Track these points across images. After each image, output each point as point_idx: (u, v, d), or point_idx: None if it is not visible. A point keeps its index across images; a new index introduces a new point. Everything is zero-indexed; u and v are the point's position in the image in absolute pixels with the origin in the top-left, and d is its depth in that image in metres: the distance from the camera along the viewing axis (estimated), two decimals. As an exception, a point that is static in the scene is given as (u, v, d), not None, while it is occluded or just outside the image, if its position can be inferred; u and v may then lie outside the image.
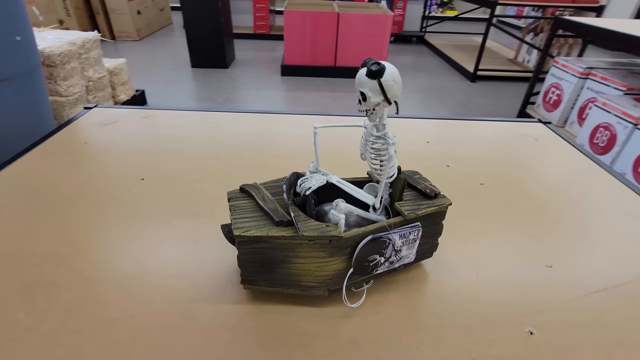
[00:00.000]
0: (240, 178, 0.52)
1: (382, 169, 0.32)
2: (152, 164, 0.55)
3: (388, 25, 3.10)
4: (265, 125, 0.69)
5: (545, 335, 0.31)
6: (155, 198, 0.47)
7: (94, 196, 0.47)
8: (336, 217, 0.31)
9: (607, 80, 1.94)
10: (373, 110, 0.30)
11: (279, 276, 0.33)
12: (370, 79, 0.28)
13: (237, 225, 0.30)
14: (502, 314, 0.33)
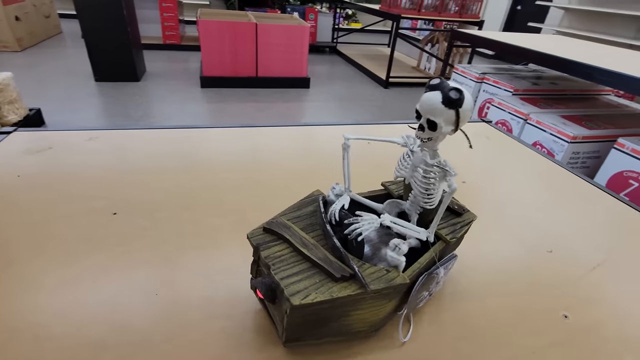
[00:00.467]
0: (213, 199, 0.49)
1: (432, 197, 0.29)
2: (117, 194, 0.49)
3: (306, 35, 3.21)
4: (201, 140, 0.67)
5: (578, 315, 0.35)
6: (137, 234, 0.42)
7: (58, 240, 0.40)
8: (396, 259, 0.28)
9: (498, 83, 2.30)
10: (429, 139, 0.27)
11: (330, 330, 0.29)
12: (447, 108, 0.24)
13: (291, 290, 0.24)
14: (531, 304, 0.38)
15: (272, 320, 0.30)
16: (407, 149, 0.30)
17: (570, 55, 1.80)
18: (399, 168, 0.31)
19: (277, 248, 0.28)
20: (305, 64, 3.35)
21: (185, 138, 0.65)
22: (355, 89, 3.62)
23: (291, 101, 3.11)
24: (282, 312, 0.26)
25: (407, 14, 3.34)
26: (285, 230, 0.29)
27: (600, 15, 4.12)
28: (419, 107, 0.26)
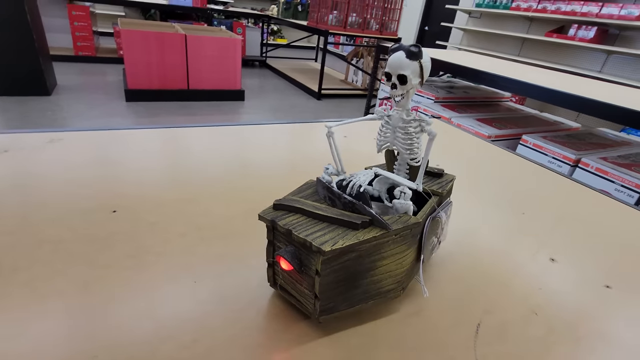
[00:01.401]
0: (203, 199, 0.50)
1: (416, 151, 0.32)
2: (100, 193, 0.47)
3: (238, 48, 3.21)
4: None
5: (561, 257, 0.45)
6: (145, 231, 0.40)
7: (53, 241, 0.37)
8: (405, 204, 0.30)
9: (421, 92, 2.57)
10: (404, 95, 0.30)
11: (361, 290, 0.29)
12: (411, 60, 0.28)
13: (318, 241, 0.25)
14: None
15: (298, 301, 0.30)
16: (383, 119, 0.33)
17: (477, 66, 2.10)
18: (381, 137, 0.33)
19: (293, 217, 0.28)
20: (239, 77, 3.34)
21: (171, 137, 0.63)
22: (289, 100, 3.70)
23: (228, 113, 3.07)
24: (312, 276, 0.27)
25: (335, 30, 3.55)
26: (295, 202, 0.29)
27: (491, 36, 4.84)
28: (388, 68, 0.29)
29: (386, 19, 3.72)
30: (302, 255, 0.27)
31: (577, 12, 3.57)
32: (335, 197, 0.30)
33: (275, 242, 0.29)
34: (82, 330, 0.27)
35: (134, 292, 0.30)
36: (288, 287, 0.30)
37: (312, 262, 0.26)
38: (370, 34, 3.75)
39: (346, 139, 0.72)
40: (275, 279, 0.31)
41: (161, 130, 0.66)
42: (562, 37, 3.81)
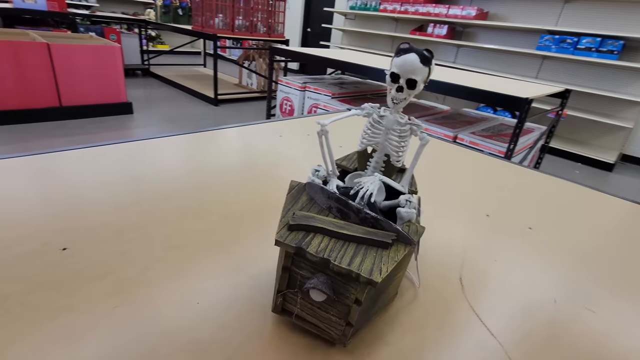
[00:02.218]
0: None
1: (402, 154, 0.31)
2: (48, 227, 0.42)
3: (118, 56, 2.91)
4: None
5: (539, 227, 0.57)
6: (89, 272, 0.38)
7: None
8: (412, 213, 0.29)
9: (318, 90, 2.73)
10: (405, 99, 0.29)
11: (378, 305, 0.29)
12: (424, 65, 0.27)
13: (365, 270, 0.24)
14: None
15: (317, 327, 0.28)
16: (373, 116, 0.32)
17: (362, 62, 2.34)
18: (369, 137, 0.32)
19: (318, 240, 0.26)
20: (123, 88, 3.04)
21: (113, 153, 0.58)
22: (185, 109, 3.51)
23: (117, 129, 2.77)
24: (347, 305, 0.25)
25: (223, 34, 3.50)
26: (312, 220, 0.27)
27: (366, 35, 5.36)
28: (398, 70, 0.28)
29: (272, 21, 3.81)
30: (336, 284, 0.25)
31: (432, 13, 4.22)
32: (351, 210, 0.28)
33: (294, 268, 0.27)
34: None
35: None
36: (306, 315, 0.28)
37: (352, 292, 0.25)
38: (258, 36, 3.79)
39: (309, 137, 0.76)
40: (284, 307, 0.29)
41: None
42: (423, 34, 4.44)
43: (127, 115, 3.09)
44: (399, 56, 0.27)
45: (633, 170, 3.34)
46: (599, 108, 3.57)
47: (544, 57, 3.80)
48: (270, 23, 3.78)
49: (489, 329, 0.31)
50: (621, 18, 3.27)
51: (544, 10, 3.70)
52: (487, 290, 0.36)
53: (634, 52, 3.25)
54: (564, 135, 3.81)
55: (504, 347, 0.29)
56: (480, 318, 0.32)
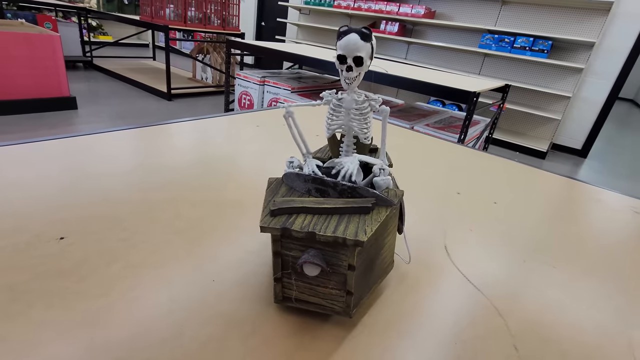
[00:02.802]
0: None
1: (368, 130, 0.32)
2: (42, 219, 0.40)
3: (57, 47, 2.69)
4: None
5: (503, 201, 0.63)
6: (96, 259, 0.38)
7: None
8: (387, 180, 0.30)
9: (278, 84, 2.73)
10: (356, 77, 0.30)
11: (375, 272, 0.30)
12: (365, 42, 0.28)
13: (350, 234, 0.25)
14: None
15: (320, 305, 0.29)
16: (332, 102, 0.33)
17: (320, 57, 2.38)
18: (332, 121, 0.33)
19: (301, 219, 0.26)
20: (65, 81, 2.81)
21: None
22: (136, 104, 3.33)
23: (59, 126, 2.56)
24: (343, 273, 0.26)
25: (175, 25, 3.35)
26: (291, 203, 0.28)
27: (321, 30, 5.41)
28: (342, 51, 0.29)
29: (226, 14, 3.72)
30: (328, 256, 0.26)
31: (384, 10, 4.36)
32: (329, 186, 0.29)
33: (284, 251, 0.27)
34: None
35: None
36: (306, 296, 0.29)
37: (343, 259, 0.26)
38: (212, 29, 3.68)
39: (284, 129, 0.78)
40: (284, 293, 0.29)
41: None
42: (375, 30, 4.58)
43: (71, 111, 2.87)
44: (341, 38, 0.29)
45: (561, 157, 3.73)
46: (533, 102, 3.93)
47: (485, 55, 4.10)
48: (225, 15, 3.69)
49: (475, 286, 0.36)
50: (550, 20, 3.62)
51: (484, 11, 3.98)
52: (469, 254, 0.41)
53: (561, 52, 3.62)
54: (504, 127, 4.16)
55: (490, 300, 0.34)
56: (466, 277, 0.37)
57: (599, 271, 0.41)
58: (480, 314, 0.33)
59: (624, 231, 0.52)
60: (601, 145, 4.34)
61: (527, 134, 4.03)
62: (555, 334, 0.32)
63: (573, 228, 0.50)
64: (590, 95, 3.62)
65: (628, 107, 9.08)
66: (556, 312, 0.34)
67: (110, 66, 4.33)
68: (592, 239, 0.48)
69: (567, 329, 0.32)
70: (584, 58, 3.52)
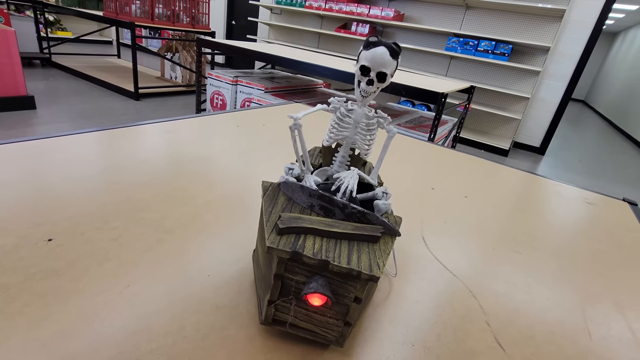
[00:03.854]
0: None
1: (371, 147, 0.32)
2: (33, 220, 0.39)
3: (12, 42, 2.53)
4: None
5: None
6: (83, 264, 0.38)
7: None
8: (388, 205, 0.30)
9: (251, 84, 2.71)
10: (374, 92, 0.29)
11: (368, 300, 0.30)
12: (393, 59, 0.27)
13: (364, 266, 0.24)
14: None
15: (313, 333, 0.27)
16: (341, 110, 0.31)
17: (292, 57, 2.39)
18: (337, 131, 0.31)
19: (311, 242, 0.25)
20: (21, 79, 2.65)
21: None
22: (101, 104, 3.19)
23: (17, 127, 2.41)
24: (346, 304, 0.25)
25: (141, 22, 3.24)
26: (300, 221, 0.26)
27: (293, 30, 5.42)
28: (368, 63, 0.28)
29: (196, 12, 3.64)
30: (335, 285, 0.25)
31: (355, 12, 4.43)
32: (336, 206, 0.28)
33: (288, 274, 0.25)
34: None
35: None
36: (298, 321, 0.27)
37: (351, 290, 0.25)
38: (181, 27, 3.59)
39: (264, 127, 0.78)
40: (275, 316, 0.27)
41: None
42: (347, 32, 4.65)
43: (29, 111, 2.71)
44: (369, 49, 0.28)
45: (522, 155, 3.96)
46: (496, 102, 4.14)
47: (451, 57, 4.27)
48: (194, 13, 3.61)
49: (451, 272, 0.39)
50: (510, 25, 3.83)
51: (450, 15, 4.14)
52: (445, 244, 0.44)
53: (520, 55, 3.84)
54: (469, 126, 4.35)
55: (465, 284, 0.38)
56: (443, 265, 0.40)
57: (558, 255, 0.46)
58: (457, 297, 0.36)
59: (578, 219, 0.58)
60: (557, 143, 4.64)
61: (491, 133, 4.24)
62: (522, 310, 0.36)
63: (535, 218, 0.56)
64: (546, 96, 3.86)
65: (580, 107, 9.76)
66: (522, 292, 0.38)
67: (71, 64, 4.11)
68: (552, 227, 0.54)
69: (532, 306, 0.36)
70: (541, 61, 3.76)
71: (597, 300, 0.38)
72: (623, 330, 0.35)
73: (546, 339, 0.33)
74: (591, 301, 0.38)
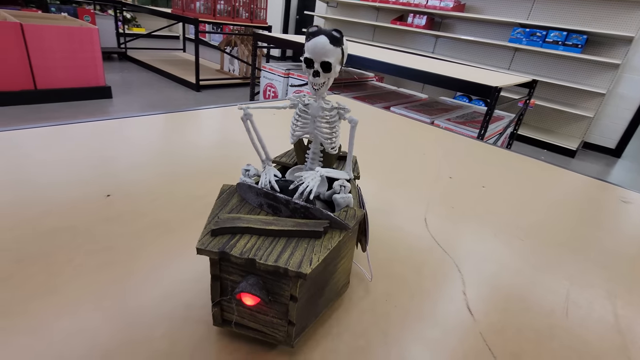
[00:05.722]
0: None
1: (335, 140, 0.31)
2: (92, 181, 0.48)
3: (95, 39, 2.85)
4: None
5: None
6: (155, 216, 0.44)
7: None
8: (348, 198, 0.29)
9: (302, 77, 2.78)
10: (325, 82, 0.29)
11: (324, 298, 0.28)
12: (335, 47, 0.27)
13: (293, 264, 0.23)
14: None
15: (261, 332, 0.26)
16: (299, 106, 0.31)
17: (348, 51, 2.40)
18: (298, 127, 0.31)
19: (244, 241, 0.24)
20: (101, 72, 2.98)
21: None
22: (165, 94, 3.48)
23: (94, 114, 2.73)
24: (284, 303, 0.25)
25: (204, 18, 3.46)
26: (236, 221, 0.25)
27: (348, 23, 5.40)
28: (310, 55, 0.27)
29: (254, 7, 3.79)
30: (269, 284, 0.24)
31: (412, 3, 4.30)
32: (281, 203, 0.27)
33: (224, 275, 0.25)
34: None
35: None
36: (247, 321, 0.26)
37: (285, 289, 0.24)
38: (240, 21, 3.77)
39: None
40: (223, 317, 0.27)
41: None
42: (403, 24, 4.54)
43: (106, 100, 3.04)
44: (309, 40, 0.27)
45: (592, 157, 3.60)
46: (564, 98, 3.79)
47: (516, 49, 3.98)
48: (253, 8, 3.77)
49: (443, 248, 0.40)
50: (585, 14, 3.47)
51: (516, 5, 3.86)
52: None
53: (596, 46, 3.47)
54: (531, 124, 4.04)
55: (453, 259, 0.39)
56: (436, 241, 0.41)
57: (567, 246, 0.44)
58: (442, 269, 0.38)
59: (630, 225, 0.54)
60: (638, 145, 4.14)
61: (557, 132, 3.90)
62: (502, 286, 0.36)
63: (597, 232, 0.53)
64: (627, 92, 3.45)
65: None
66: (510, 272, 0.39)
67: (143, 57, 4.52)
68: (612, 238, 0.51)
69: (515, 283, 0.37)
70: (622, 53, 3.36)
71: (584, 283, 0.37)
72: (606, 315, 0.34)
73: (520, 313, 0.34)
74: (577, 284, 0.37)
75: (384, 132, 0.84)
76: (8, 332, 0.26)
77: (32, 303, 0.28)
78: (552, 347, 0.30)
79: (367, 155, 0.67)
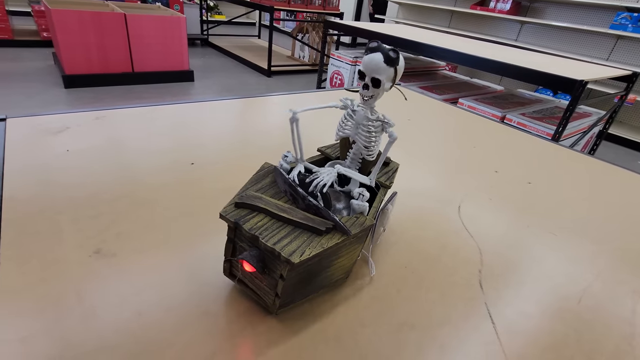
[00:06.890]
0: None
1: (374, 148, 0.32)
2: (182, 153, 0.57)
3: (183, 26, 3.13)
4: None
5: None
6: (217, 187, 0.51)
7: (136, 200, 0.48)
8: (363, 206, 0.30)
9: (369, 64, 2.77)
10: (372, 97, 0.30)
11: (315, 285, 0.31)
12: (388, 66, 0.28)
13: (287, 251, 0.26)
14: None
15: (256, 294, 0.31)
16: (348, 110, 0.33)
17: (415, 38, 2.33)
18: (341, 128, 0.33)
19: (257, 219, 0.28)
20: (186, 57, 3.28)
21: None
22: (240, 79, 3.71)
23: (178, 95, 3.03)
24: (275, 279, 0.28)
25: (279, 6, 3.59)
26: (257, 201, 0.29)
27: (423, 9, 5.17)
28: (363, 68, 0.29)
29: (327, -6, 3.82)
30: (267, 259, 0.28)
31: (496, -14, 3.97)
32: (299, 197, 0.30)
33: (237, 240, 0.30)
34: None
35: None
36: (247, 281, 0.31)
37: (278, 268, 0.27)
38: (313, 9, 3.83)
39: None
40: (231, 272, 0.32)
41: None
42: (484, 9, 4.22)
43: (189, 83, 3.35)
44: (367, 54, 0.28)
45: None
46: (677, 96, 3.24)
47: (618, 37, 3.48)
48: (326, -5, 3.80)
49: (469, 232, 0.42)
50: None
51: (625, -16, 3.35)
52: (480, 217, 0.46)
53: None
54: (629, 122, 3.53)
55: (477, 243, 0.40)
56: (465, 226, 0.43)
57: (602, 244, 0.42)
58: (464, 250, 0.40)
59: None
60: None
61: (662, 134, 3.37)
62: (520, 269, 0.38)
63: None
64: None
65: None
66: (531, 260, 0.40)
67: (221, 43, 4.84)
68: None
69: (533, 267, 0.38)
70: None
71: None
72: (624, 310, 0.34)
73: (530, 294, 0.35)
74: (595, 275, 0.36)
75: (442, 124, 0.83)
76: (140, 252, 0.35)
77: (143, 234, 0.37)
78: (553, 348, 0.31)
79: (417, 143, 0.69)
